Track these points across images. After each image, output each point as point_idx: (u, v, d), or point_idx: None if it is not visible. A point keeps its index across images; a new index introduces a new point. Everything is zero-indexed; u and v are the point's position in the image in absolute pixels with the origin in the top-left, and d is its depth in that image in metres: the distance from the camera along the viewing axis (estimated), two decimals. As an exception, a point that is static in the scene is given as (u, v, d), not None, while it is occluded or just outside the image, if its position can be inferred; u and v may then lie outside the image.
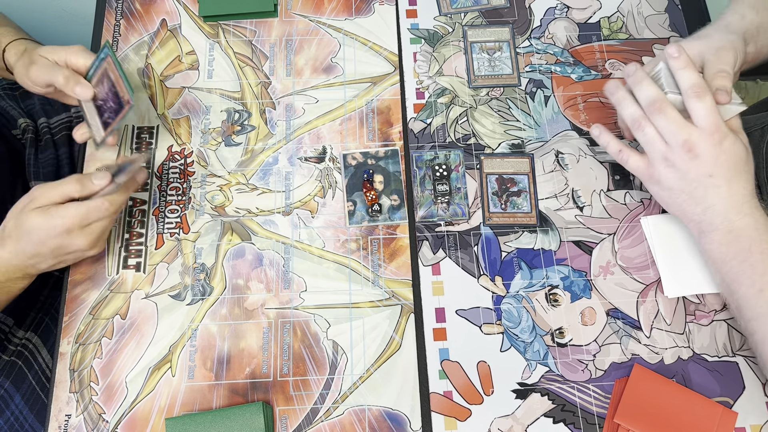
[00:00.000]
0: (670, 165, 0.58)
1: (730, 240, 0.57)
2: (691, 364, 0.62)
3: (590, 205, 0.68)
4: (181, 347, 0.63)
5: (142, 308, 0.64)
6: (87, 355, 0.62)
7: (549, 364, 0.62)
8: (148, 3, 0.79)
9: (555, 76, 0.75)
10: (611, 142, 0.63)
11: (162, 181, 0.70)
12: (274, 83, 0.74)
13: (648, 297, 0.64)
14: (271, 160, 0.71)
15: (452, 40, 0.77)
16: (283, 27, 0.78)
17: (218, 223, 0.68)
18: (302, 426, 0.60)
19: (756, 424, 0.60)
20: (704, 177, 0.57)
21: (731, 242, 0.57)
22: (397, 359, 0.62)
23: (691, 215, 0.59)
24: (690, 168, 0.57)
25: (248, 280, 0.65)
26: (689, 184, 0.58)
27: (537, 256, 0.66)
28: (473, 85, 0.74)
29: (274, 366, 0.62)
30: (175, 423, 0.57)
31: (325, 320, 0.64)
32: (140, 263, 0.66)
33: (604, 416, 0.60)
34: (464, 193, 0.69)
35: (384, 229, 0.68)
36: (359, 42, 0.77)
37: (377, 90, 0.74)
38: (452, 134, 0.72)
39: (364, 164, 0.70)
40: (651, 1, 0.79)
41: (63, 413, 0.60)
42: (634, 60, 0.75)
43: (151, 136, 0.72)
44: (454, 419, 0.60)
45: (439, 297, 0.65)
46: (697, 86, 0.56)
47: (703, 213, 0.58)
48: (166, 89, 0.74)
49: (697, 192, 0.58)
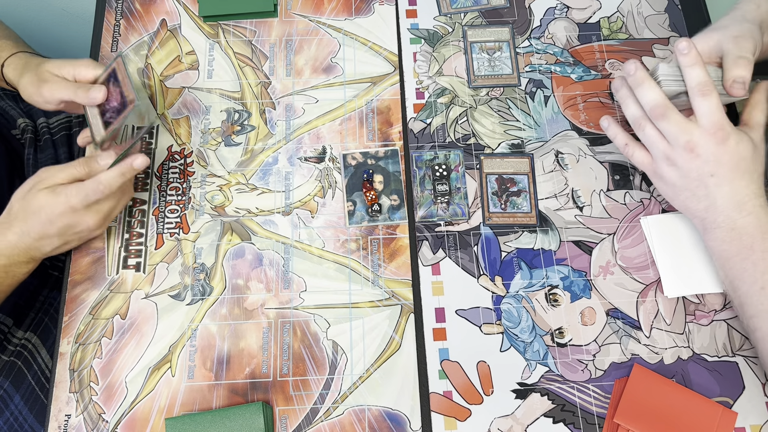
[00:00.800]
0: (672, 164, 0.58)
1: (733, 238, 0.57)
2: (691, 364, 0.62)
3: (590, 205, 0.68)
4: (180, 347, 0.63)
5: (142, 308, 0.64)
6: (87, 355, 0.62)
7: (549, 364, 0.62)
8: (148, 3, 0.79)
9: (555, 76, 0.75)
10: (618, 134, 0.63)
11: (162, 181, 0.70)
12: (274, 83, 0.74)
13: (648, 297, 0.64)
14: (271, 160, 0.71)
15: (452, 40, 0.77)
16: (283, 27, 0.78)
17: (218, 223, 0.68)
18: (302, 426, 0.60)
19: (756, 424, 0.60)
20: (706, 176, 0.57)
21: (733, 240, 0.57)
22: (397, 359, 0.62)
23: (694, 211, 0.60)
24: (692, 167, 0.57)
25: (248, 280, 0.65)
26: (691, 183, 0.58)
27: (537, 256, 0.66)
28: (473, 85, 0.74)
29: (274, 366, 0.62)
30: (174, 423, 0.57)
31: (324, 320, 0.64)
32: (140, 263, 0.66)
33: (604, 416, 0.60)
34: (464, 193, 0.69)
35: (384, 229, 0.68)
36: (359, 42, 0.77)
37: (377, 90, 0.74)
38: (452, 134, 0.72)
39: (364, 164, 0.70)
40: (651, 1, 0.79)
41: (63, 413, 0.60)
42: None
43: (150, 136, 0.72)
44: (454, 419, 0.60)
45: (438, 297, 0.65)
46: (703, 84, 0.56)
47: (706, 210, 0.58)
48: (166, 89, 0.74)
49: (699, 190, 0.58)
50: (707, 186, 0.57)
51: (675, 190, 0.60)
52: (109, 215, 0.62)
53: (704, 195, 0.58)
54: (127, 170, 0.61)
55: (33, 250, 0.60)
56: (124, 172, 0.60)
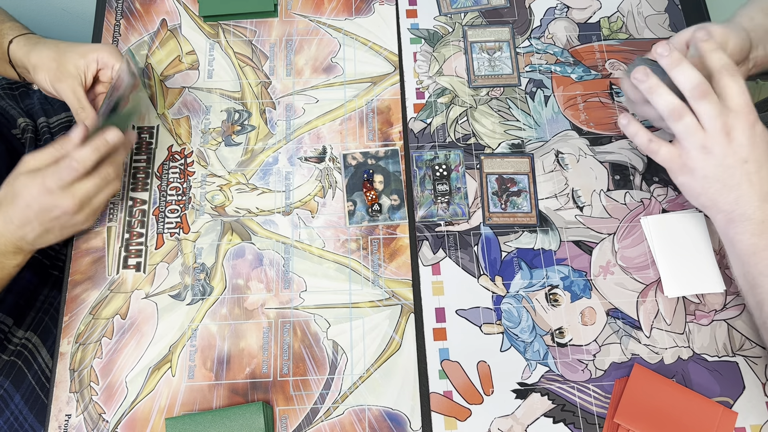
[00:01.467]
0: (708, 152, 0.55)
1: (763, 230, 0.55)
2: (691, 364, 0.62)
3: (590, 205, 0.68)
4: (181, 347, 0.63)
5: (142, 308, 0.64)
6: (87, 355, 0.62)
7: (549, 364, 0.62)
8: (148, 3, 0.79)
9: (555, 76, 0.75)
10: (640, 132, 0.60)
11: (162, 181, 0.70)
12: (274, 83, 0.74)
13: (648, 297, 0.64)
14: (271, 160, 0.71)
15: (452, 40, 0.77)
16: (283, 27, 0.78)
17: (218, 223, 0.68)
18: (302, 426, 0.60)
19: (756, 424, 0.60)
20: (740, 163, 0.55)
21: (764, 232, 0.55)
22: (397, 359, 0.62)
23: (722, 205, 0.57)
24: (727, 153, 0.55)
25: (248, 280, 0.65)
26: (725, 171, 0.55)
27: (537, 256, 0.66)
28: (473, 85, 0.74)
29: (274, 366, 0.62)
30: (175, 423, 0.57)
31: (325, 320, 0.64)
32: (140, 263, 0.66)
33: (604, 416, 0.60)
34: (464, 193, 0.69)
35: (384, 229, 0.68)
36: (359, 42, 0.77)
37: (377, 90, 0.74)
38: (452, 134, 0.72)
39: (364, 164, 0.70)
40: (651, 1, 0.79)
41: (63, 413, 0.60)
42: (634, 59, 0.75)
43: (151, 136, 0.72)
44: (454, 419, 0.60)
45: (439, 297, 0.65)
46: (729, 65, 0.54)
47: (736, 202, 0.56)
48: (166, 89, 0.74)
49: (733, 179, 0.56)
50: (741, 174, 0.55)
51: (705, 183, 0.57)
52: (87, 201, 0.59)
53: (736, 184, 0.55)
54: (101, 144, 0.58)
55: (18, 240, 0.59)
56: (98, 146, 0.58)
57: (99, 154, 0.58)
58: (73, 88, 0.64)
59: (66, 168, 0.57)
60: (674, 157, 0.58)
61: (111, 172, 0.61)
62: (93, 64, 0.65)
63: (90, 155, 0.58)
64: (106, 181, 0.61)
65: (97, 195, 0.61)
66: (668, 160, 0.59)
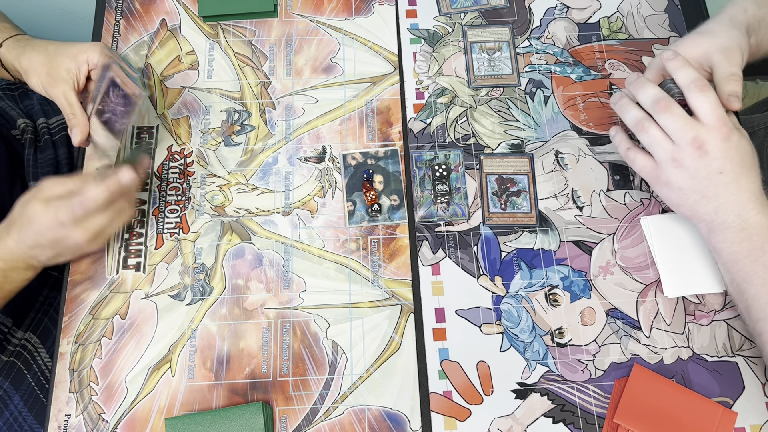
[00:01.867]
0: (679, 165, 0.57)
1: (743, 238, 0.56)
2: (691, 364, 0.62)
3: (590, 205, 0.68)
4: (180, 347, 0.63)
5: (142, 308, 0.64)
6: (87, 355, 0.62)
7: (549, 364, 0.62)
8: (147, 3, 0.79)
9: (555, 76, 0.75)
10: (623, 141, 0.63)
11: (162, 181, 0.70)
12: (274, 83, 0.74)
13: (648, 297, 0.64)
14: (271, 160, 0.71)
15: (452, 40, 0.77)
16: (282, 27, 0.78)
17: (218, 223, 0.68)
18: (302, 426, 0.60)
19: (756, 424, 0.60)
20: (715, 174, 0.56)
21: (744, 240, 0.56)
22: (397, 359, 0.62)
23: (702, 215, 0.58)
24: (700, 166, 0.56)
25: (248, 280, 0.65)
26: (700, 183, 0.57)
27: (537, 256, 0.66)
28: (473, 85, 0.74)
29: (274, 366, 0.62)
30: (174, 423, 0.57)
31: (324, 320, 0.64)
32: (140, 263, 0.66)
33: (604, 416, 0.60)
34: (464, 193, 0.69)
35: (384, 229, 0.68)
36: (359, 42, 0.77)
37: (377, 90, 0.74)
38: (452, 134, 0.72)
39: (364, 164, 0.70)
40: (651, 1, 0.79)
41: (63, 413, 0.60)
42: (633, 60, 0.76)
43: (150, 136, 0.72)
44: (454, 419, 0.60)
45: (438, 297, 0.65)
46: (698, 80, 0.55)
47: (715, 212, 0.57)
48: (165, 89, 0.74)
49: (709, 190, 0.57)
50: (717, 185, 0.56)
51: (682, 194, 0.58)
52: (100, 233, 0.60)
53: (714, 195, 0.56)
54: (113, 185, 0.59)
55: (29, 258, 0.60)
56: (110, 186, 0.59)
57: (111, 194, 0.59)
58: (64, 93, 0.64)
59: (78, 204, 0.58)
60: (649, 168, 0.60)
61: (125, 205, 0.62)
62: (84, 65, 0.65)
63: (102, 195, 0.58)
64: (118, 213, 0.62)
65: (111, 225, 0.61)
66: (643, 170, 0.61)
